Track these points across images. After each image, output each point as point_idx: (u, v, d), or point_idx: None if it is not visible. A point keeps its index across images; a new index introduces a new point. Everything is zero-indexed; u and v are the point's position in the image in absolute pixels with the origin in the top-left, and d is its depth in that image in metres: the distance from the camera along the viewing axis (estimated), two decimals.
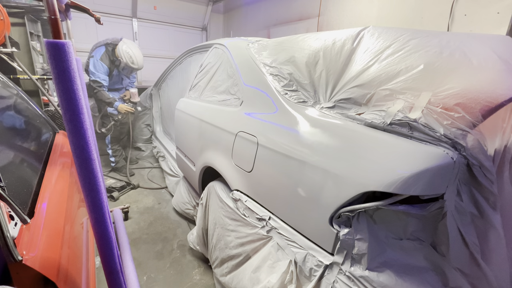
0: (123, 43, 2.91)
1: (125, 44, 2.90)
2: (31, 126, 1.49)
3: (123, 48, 2.87)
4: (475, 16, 2.36)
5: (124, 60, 2.87)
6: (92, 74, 2.83)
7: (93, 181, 0.73)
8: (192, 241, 1.87)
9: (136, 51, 2.93)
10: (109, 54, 2.90)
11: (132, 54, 2.88)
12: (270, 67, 1.36)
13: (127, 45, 2.90)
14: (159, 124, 3.56)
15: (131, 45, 2.93)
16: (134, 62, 2.92)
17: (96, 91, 2.88)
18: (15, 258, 0.66)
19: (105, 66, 2.85)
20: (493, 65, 0.86)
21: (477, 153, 0.70)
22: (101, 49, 2.88)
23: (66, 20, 1.50)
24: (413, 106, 0.82)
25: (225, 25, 6.54)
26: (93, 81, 2.85)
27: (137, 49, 2.97)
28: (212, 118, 1.62)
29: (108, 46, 2.89)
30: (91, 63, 2.83)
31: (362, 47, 1.08)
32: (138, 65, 2.97)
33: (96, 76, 2.83)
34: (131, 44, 2.95)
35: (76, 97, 0.66)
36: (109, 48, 2.89)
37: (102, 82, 2.87)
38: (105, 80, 2.90)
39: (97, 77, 2.83)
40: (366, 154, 0.82)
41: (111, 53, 2.90)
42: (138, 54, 2.94)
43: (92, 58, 2.84)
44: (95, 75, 2.83)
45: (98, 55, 2.82)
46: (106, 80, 2.91)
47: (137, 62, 2.95)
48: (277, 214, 1.10)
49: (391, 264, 0.79)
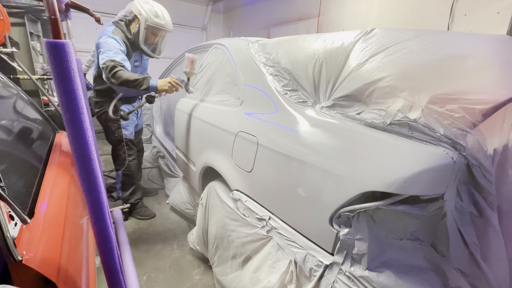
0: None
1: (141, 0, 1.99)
2: (31, 126, 1.49)
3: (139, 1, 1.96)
4: (475, 16, 2.36)
5: (144, 14, 1.90)
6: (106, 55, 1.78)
7: (93, 181, 0.74)
8: (192, 241, 1.88)
9: (159, 5, 2.02)
10: (123, 31, 1.97)
11: (155, 5, 1.97)
12: (270, 67, 1.36)
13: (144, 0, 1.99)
14: (159, 124, 3.56)
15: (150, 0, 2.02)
16: (159, 15, 1.96)
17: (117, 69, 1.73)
18: (15, 258, 0.66)
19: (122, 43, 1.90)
20: (493, 65, 0.86)
21: (477, 153, 0.70)
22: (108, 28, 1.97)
23: (66, 20, 1.50)
24: (413, 105, 0.82)
25: (225, 25, 6.54)
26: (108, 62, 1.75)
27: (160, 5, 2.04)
28: (212, 118, 1.62)
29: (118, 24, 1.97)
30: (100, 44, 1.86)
31: (361, 45, 1.08)
32: (165, 20, 2.00)
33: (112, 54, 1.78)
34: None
35: (76, 97, 0.67)
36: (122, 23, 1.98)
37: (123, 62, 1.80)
38: (127, 61, 1.86)
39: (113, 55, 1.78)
40: (366, 154, 0.82)
41: (125, 29, 1.98)
42: (162, 8, 2.01)
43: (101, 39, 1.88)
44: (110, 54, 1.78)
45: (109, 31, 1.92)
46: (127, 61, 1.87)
47: (164, 16, 1.99)
48: (277, 214, 1.10)
49: (391, 264, 0.79)
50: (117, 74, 1.74)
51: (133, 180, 2.33)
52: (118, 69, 1.74)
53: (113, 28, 1.96)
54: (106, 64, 1.75)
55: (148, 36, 2.02)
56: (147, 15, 1.92)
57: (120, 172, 2.28)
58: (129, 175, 2.30)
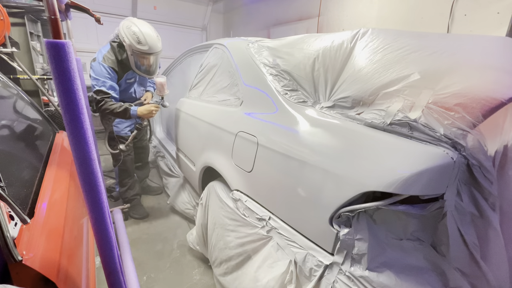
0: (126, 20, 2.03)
1: (128, 21, 2.01)
2: (31, 126, 1.49)
3: (124, 25, 1.97)
4: (475, 16, 2.36)
5: (127, 41, 1.93)
6: (94, 84, 1.97)
7: (93, 181, 0.74)
8: (192, 241, 1.88)
9: (144, 27, 1.98)
10: (115, 52, 2.02)
11: (137, 30, 1.93)
12: (270, 67, 1.36)
13: (130, 21, 2.00)
14: (159, 124, 3.56)
15: (136, 21, 2.01)
16: (142, 40, 1.93)
17: (103, 102, 1.94)
18: (15, 258, 0.66)
19: (110, 70, 1.99)
20: (493, 65, 0.86)
21: (477, 153, 0.70)
22: (104, 48, 2.07)
23: (66, 20, 1.50)
24: (413, 105, 0.82)
25: (225, 25, 6.54)
26: (97, 91, 1.95)
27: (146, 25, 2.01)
28: (212, 118, 1.62)
29: (112, 45, 2.04)
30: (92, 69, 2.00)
31: (361, 45, 1.08)
32: (149, 45, 1.95)
33: (100, 84, 1.94)
34: (137, 20, 2.02)
35: (76, 97, 0.67)
36: (114, 44, 2.03)
37: (109, 91, 1.97)
38: (113, 89, 2.01)
39: (101, 85, 1.94)
40: (366, 154, 0.82)
41: (117, 50, 2.02)
42: (146, 30, 1.97)
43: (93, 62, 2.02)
44: (98, 83, 1.95)
45: (100, 56, 2.01)
46: (114, 88, 2.02)
47: (146, 41, 1.94)
48: (277, 214, 1.10)
49: (391, 264, 0.79)
50: (102, 108, 1.95)
51: (129, 175, 2.38)
52: (103, 103, 1.95)
53: (107, 51, 2.03)
54: (94, 96, 1.97)
55: (137, 60, 2.06)
56: (130, 42, 1.95)
57: (117, 168, 2.34)
58: (125, 170, 2.35)
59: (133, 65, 2.08)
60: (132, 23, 1.97)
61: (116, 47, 2.02)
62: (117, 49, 2.02)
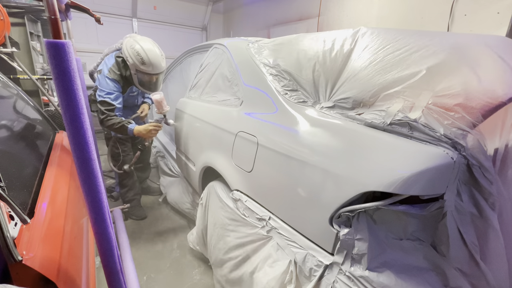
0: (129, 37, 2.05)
1: (131, 38, 2.02)
2: (31, 126, 1.49)
3: (128, 45, 1.98)
4: (475, 16, 2.36)
5: (131, 61, 1.96)
6: (99, 94, 2.00)
7: (93, 181, 0.74)
8: (192, 241, 1.87)
9: (147, 44, 1.98)
10: (119, 68, 2.05)
11: (140, 48, 1.94)
12: (270, 67, 1.36)
13: (134, 38, 2.01)
14: None
15: (140, 38, 2.02)
16: (146, 61, 1.95)
17: (104, 116, 1.99)
18: (15, 258, 0.66)
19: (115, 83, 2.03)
20: (493, 65, 0.86)
21: (477, 153, 0.70)
22: (109, 59, 2.10)
23: (66, 20, 1.51)
24: (413, 105, 0.82)
25: (225, 25, 6.54)
26: (101, 102, 1.99)
27: (150, 44, 2.01)
28: (212, 118, 1.62)
29: (117, 60, 2.05)
30: (98, 81, 2.05)
31: (361, 45, 1.08)
32: (152, 65, 1.98)
33: (105, 95, 1.98)
34: (140, 38, 2.03)
35: (76, 97, 0.67)
36: (119, 60, 2.04)
37: (114, 102, 2.01)
38: (118, 101, 2.04)
39: (106, 96, 1.98)
40: (366, 154, 0.82)
41: (122, 66, 2.05)
42: (150, 50, 1.97)
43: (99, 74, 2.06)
44: (103, 94, 1.98)
45: (106, 69, 2.04)
46: (119, 100, 2.05)
47: (150, 61, 1.95)
48: (277, 214, 1.10)
49: (391, 264, 0.79)
50: (104, 122, 2.02)
51: (128, 175, 2.36)
52: (105, 116, 2.01)
53: (112, 64, 2.05)
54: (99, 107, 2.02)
55: (140, 78, 2.07)
56: (133, 62, 1.96)
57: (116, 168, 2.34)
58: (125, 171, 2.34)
59: (137, 83, 2.10)
60: (136, 42, 1.97)
61: (121, 62, 2.04)
62: (122, 64, 2.04)
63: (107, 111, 1.99)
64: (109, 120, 2.00)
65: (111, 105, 2.01)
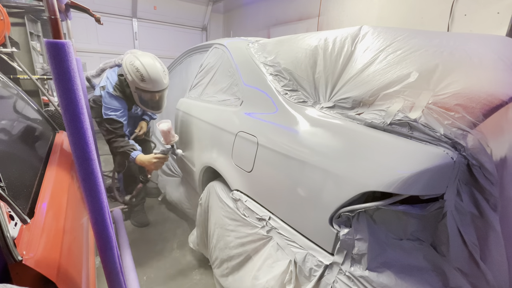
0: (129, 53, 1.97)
1: (132, 54, 1.92)
2: (31, 126, 1.49)
3: (127, 61, 1.87)
4: (475, 16, 2.36)
5: (130, 79, 1.85)
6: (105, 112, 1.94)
7: (93, 181, 0.74)
8: (192, 241, 1.87)
9: (147, 60, 1.86)
10: (123, 86, 1.97)
11: (140, 64, 1.82)
12: (270, 67, 1.36)
13: (134, 54, 1.90)
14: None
15: (140, 54, 1.92)
16: (145, 78, 1.81)
17: (112, 137, 1.96)
18: (15, 258, 0.66)
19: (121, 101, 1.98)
20: (493, 64, 0.86)
21: (478, 153, 0.70)
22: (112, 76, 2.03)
23: (66, 20, 1.51)
24: (413, 105, 0.82)
25: (225, 25, 6.54)
26: (108, 120, 1.94)
27: (150, 58, 1.90)
28: (212, 118, 1.62)
29: (121, 76, 1.96)
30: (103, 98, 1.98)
31: (361, 46, 1.08)
32: (153, 82, 1.84)
33: (111, 112, 1.93)
34: (141, 53, 1.94)
35: (76, 97, 0.67)
36: (122, 78, 1.96)
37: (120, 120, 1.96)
38: (124, 118, 2.00)
39: (112, 114, 1.93)
40: (366, 154, 0.82)
41: (125, 84, 1.95)
42: (150, 64, 1.85)
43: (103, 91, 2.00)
44: (109, 112, 1.93)
45: (110, 86, 1.97)
46: (125, 118, 2.02)
47: (150, 78, 1.82)
48: (277, 214, 1.10)
49: (391, 264, 0.78)
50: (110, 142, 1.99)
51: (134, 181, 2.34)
52: (112, 137, 1.97)
53: (115, 82, 1.97)
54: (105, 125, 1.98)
55: (141, 96, 1.97)
56: (133, 80, 1.84)
57: (121, 174, 2.33)
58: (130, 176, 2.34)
59: (138, 102, 2.01)
60: (136, 58, 1.85)
61: (124, 81, 1.95)
62: (125, 83, 1.95)
63: (114, 130, 1.94)
64: (114, 142, 1.96)
65: (118, 123, 1.95)
